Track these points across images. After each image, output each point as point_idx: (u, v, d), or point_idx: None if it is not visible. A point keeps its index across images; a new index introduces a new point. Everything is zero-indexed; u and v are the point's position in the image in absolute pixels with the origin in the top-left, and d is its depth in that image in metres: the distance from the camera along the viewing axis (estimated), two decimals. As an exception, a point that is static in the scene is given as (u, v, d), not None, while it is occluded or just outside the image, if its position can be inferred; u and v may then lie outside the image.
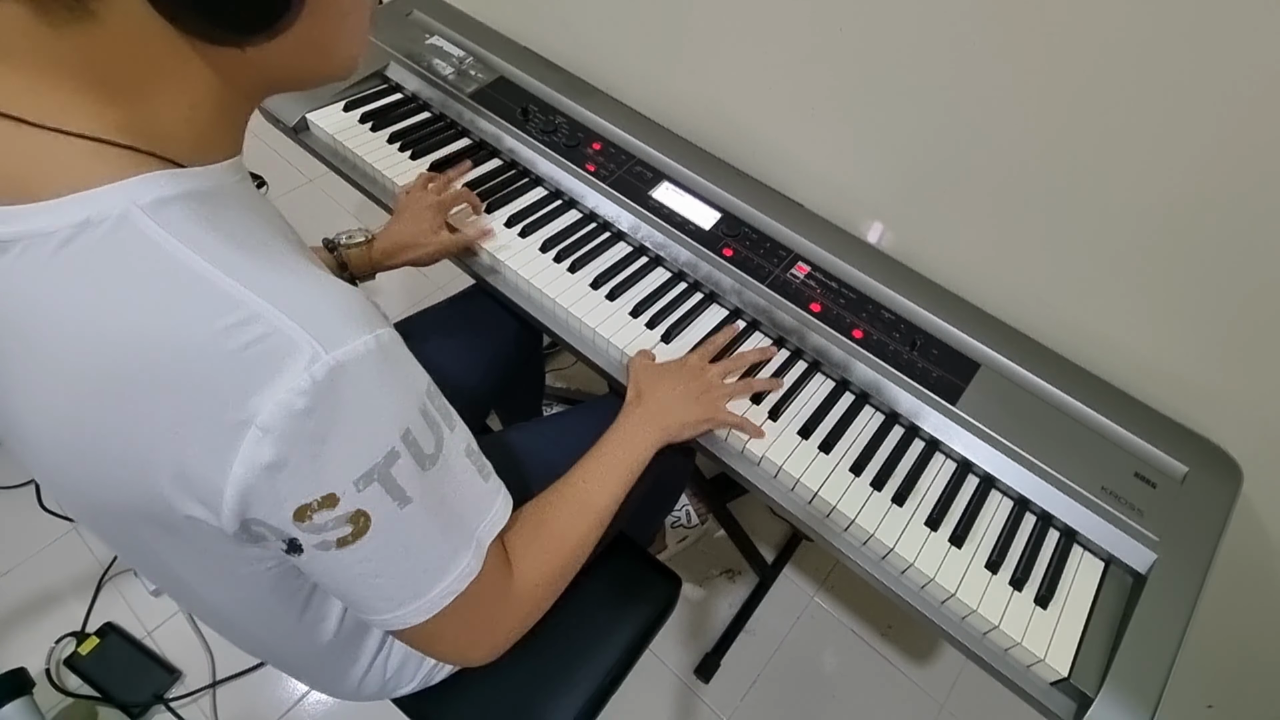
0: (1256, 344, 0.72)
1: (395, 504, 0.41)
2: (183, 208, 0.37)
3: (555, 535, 0.59)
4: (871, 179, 0.91)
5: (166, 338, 0.35)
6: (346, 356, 0.37)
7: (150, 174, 0.37)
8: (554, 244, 0.91)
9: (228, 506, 0.38)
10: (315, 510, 0.39)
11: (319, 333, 0.37)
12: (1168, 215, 0.70)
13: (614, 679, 0.80)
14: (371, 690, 0.67)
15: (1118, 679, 0.61)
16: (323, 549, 0.41)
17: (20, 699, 1.00)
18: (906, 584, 0.69)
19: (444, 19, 1.17)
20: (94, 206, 0.35)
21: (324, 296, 0.39)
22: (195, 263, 0.36)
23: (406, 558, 0.44)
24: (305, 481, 0.38)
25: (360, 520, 0.41)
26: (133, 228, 0.36)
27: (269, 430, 0.36)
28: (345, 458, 0.39)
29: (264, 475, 0.37)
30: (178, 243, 0.36)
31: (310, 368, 0.36)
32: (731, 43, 0.93)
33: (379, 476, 0.40)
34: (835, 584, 1.39)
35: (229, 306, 0.36)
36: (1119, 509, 0.71)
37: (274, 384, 0.35)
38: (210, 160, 0.41)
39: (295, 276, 0.39)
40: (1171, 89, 0.63)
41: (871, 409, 0.80)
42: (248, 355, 0.35)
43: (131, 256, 0.36)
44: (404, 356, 0.43)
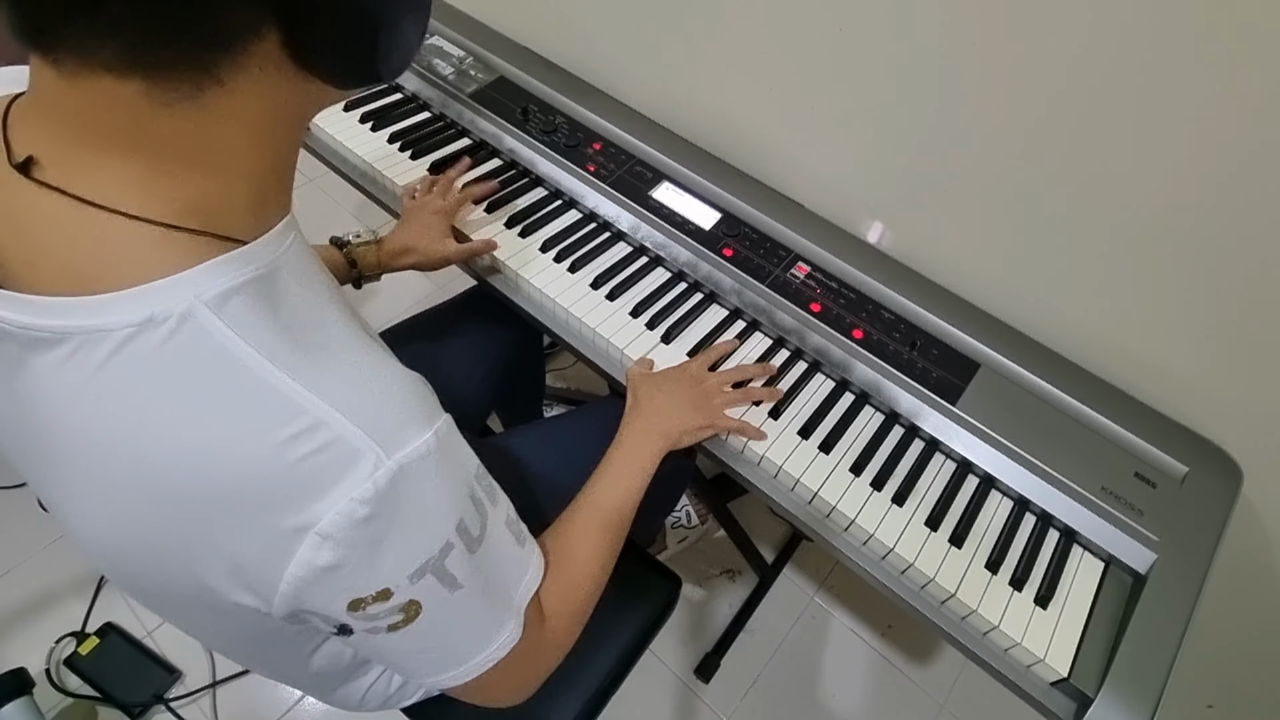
0: (1256, 344, 0.72)
1: (446, 590, 0.42)
2: (246, 300, 0.36)
3: (578, 567, 0.59)
4: (871, 179, 0.91)
5: (228, 454, 0.34)
6: (408, 459, 0.37)
7: (215, 260, 0.35)
8: (554, 244, 0.91)
9: (280, 601, 0.38)
10: (369, 603, 0.39)
11: (381, 436, 0.36)
12: (1168, 215, 0.70)
13: (614, 679, 0.80)
14: (374, 704, 0.67)
15: (1118, 679, 0.61)
16: (373, 633, 0.41)
17: (20, 699, 1.00)
18: (906, 584, 0.69)
19: (444, 19, 1.17)
20: (158, 302, 0.33)
21: (385, 392, 0.38)
22: (259, 366, 0.34)
23: (452, 634, 0.45)
24: (361, 580, 0.38)
25: (412, 609, 0.41)
26: (197, 327, 0.34)
27: (329, 537, 0.35)
28: (402, 557, 0.39)
29: (320, 576, 0.37)
30: (242, 343, 0.34)
31: (374, 475, 0.35)
32: (731, 43, 0.93)
33: (433, 569, 0.40)
34: (835, 584, 1.39)
35: (292, 414, 0.35)
36: (1119, 509, 0.71)
37: (335, 492, 0.35)
38: (268, 225, 0.39)
39: (355, 369, 0.38)
40: (1171, 89, 0.63)
41: (871, 409, 0.80)
42: (310, 464, 0.35)
43: (194, 359, 0.34)
44: (458, 445, 0.42)
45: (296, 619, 0.40)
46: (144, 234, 0.34)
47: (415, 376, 0.42)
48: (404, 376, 0.40)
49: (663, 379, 0.77)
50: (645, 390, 0.75)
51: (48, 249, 0.34)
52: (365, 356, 0.39)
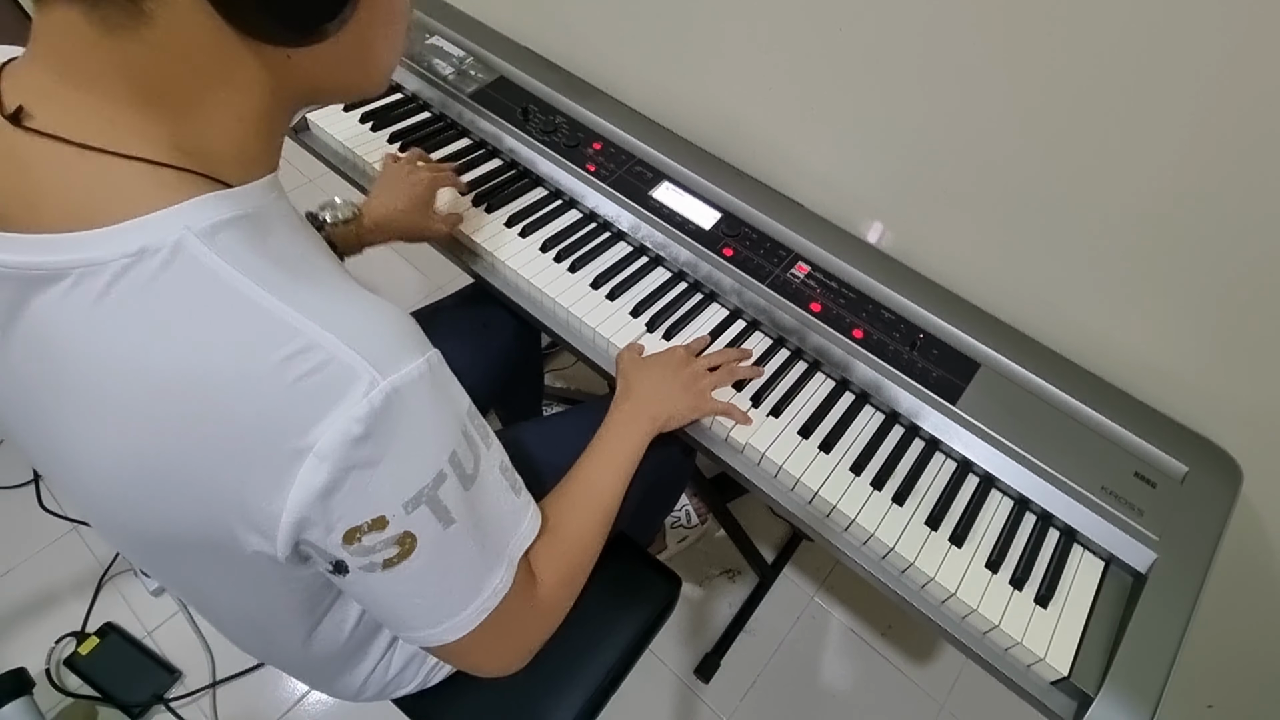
0: (1257, 343, 0.72)
1: (440, 525, 0.42)
2: (235, 232, 0.37)
3: (570, 538, 0.60)
4: (871, 179, 0.91)
5: (228, 372, 0.35)
6: (402, 381, 0.38)
7: (203, 197, 0.37)
8: (554, 244, 0.91)
9: (283, 532, 0.38)
10: (365, 533, 0.39)
11: (375, 358, 0.37)
12: (1167, 214, 0.70)
13: (614, 679, 0.80)
14: (372, 692, 0.67)
15: (1118, 678, 0.61)
16: (369, 570, 0.41)
17: (20, 699, 1.00)
18: (906, 584, 0.69)
19: (444, 19, 1.17)
20: (149, 234, 0.35)
21: (377, 319, 0.39)
22: (252, 291, 0.36)
23: (446, 577, 0.45)
24: (357, 505, 0.38)
25: (407, 541, 0.41)
26: (189, 256, 0.35)
27: (326, 457, 0.36)
28: (397, 481, 0.39)
29: (318, 499, 0.37)
30: (233, 270, 0.36)
31: (369, 394, 0.36)
32: (731, 43, 0.93)
33: (427, 499, 0.41)
34: (835, 584, 1.39)
35: (287, 336, 0.36)
36: (1119, 509, 0.71)
37: (333, 412, 0.36)
38: (253, 178, 0.41)
39: (346, 299, 0.39)
40: (1169, 88, 0.63)
41: (871, 409, 0.80)
42: (307, 385, 0.35)
43: (189, 288, 0.35)
44: (449, 378, 0.44)
45: (299, 557, 0.41)
46: (135, 171, 0.36)
47: (404, 312, 0.43)
48: (393, 309, 0.41)
49: (651, 363, 0.78)
50: (635, 375, 0.76)
51: (46, 191, 0.35)
52: (355, 290, 0.41)
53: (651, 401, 0.73)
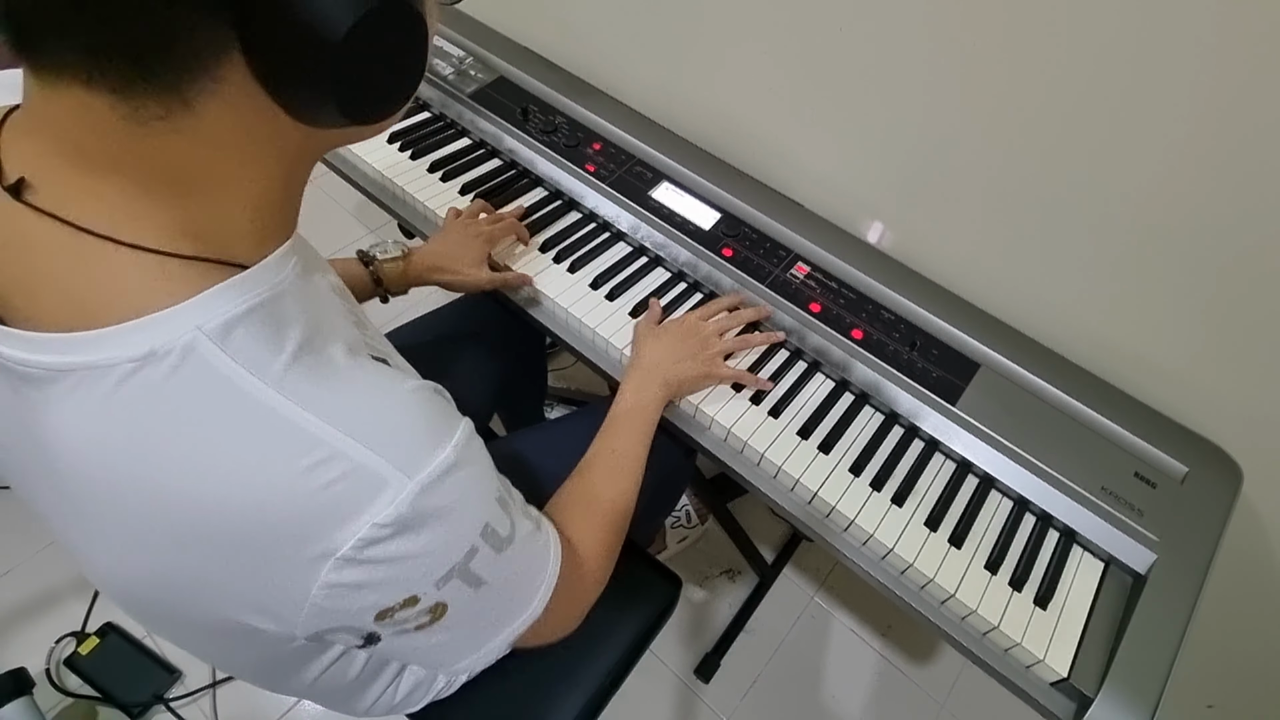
0: (1257, 344, 0.72)
1: (471, 589, 0.42)
2: (249, 328, 0.34)
3: (604, 505, 0.63)
4: (871, 179, 0.91)
5: (244, 487, 0.34)
6: (429, 479, 0.36)
7: (215, 289, 0.34)
8: (554, 244, 0.91)
9: (302, 626, 0.38)
10: (397, 611, 0.39)
11: (401, 460, 0.35)
12: (1168, 214, 0.70)
13: (614, 679, 0.80)
14: (380, 712, 0.67)
15: (1117, 679, 0.61)
16: (399, 635, 0.41)
17: (20, 699, 1.00)
18: (906, 584, 0.69)
19: (443, 19, 1.17)
20: (158, 335, 0.32)
21: (401, 414, 0.38)
22: (268, 397, 0.34)
23: (477, 625, 0.45)
24: (387, 593, 0.38)
25: (439, 609, 0.41)
26: (201, 360, 0.33)
27: (351, 560, 0.35)
28: (428, 567, 0.38)
29: (345, 595, 0.36)
30: (247, 374, 0.33)
31: (395, 500, 0.35)
32: (731, 43, 0.93)
33: (459, 572, 0.40)
34: (835, 584, 1.39)
35: (308, 445, 0.34)
36: (1119, 509, 0.71)
37: (360, 519, 0.34)
38: (269, 249, 0.38)
39: (367, 394, 0.38)
40: (1168, 88, 0.63)
41: (871, 409, 0.80)
42: (331, 494, 0.34)
43: (202, 395, 0.33)
44: (478, 451, 0.42)
45: (320, 639, 0.40)
46: (140, 262, 0.33)
47: (428, 389, 0.41)
48: (417, 394, 0.40)
49: (663, 330, 0.80)
50: (649, 342, 0.78)
51: (45, 276, 0.33)
52: (376, 379, 0.39)
53: (662, 366, 0.75)
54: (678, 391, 0.75)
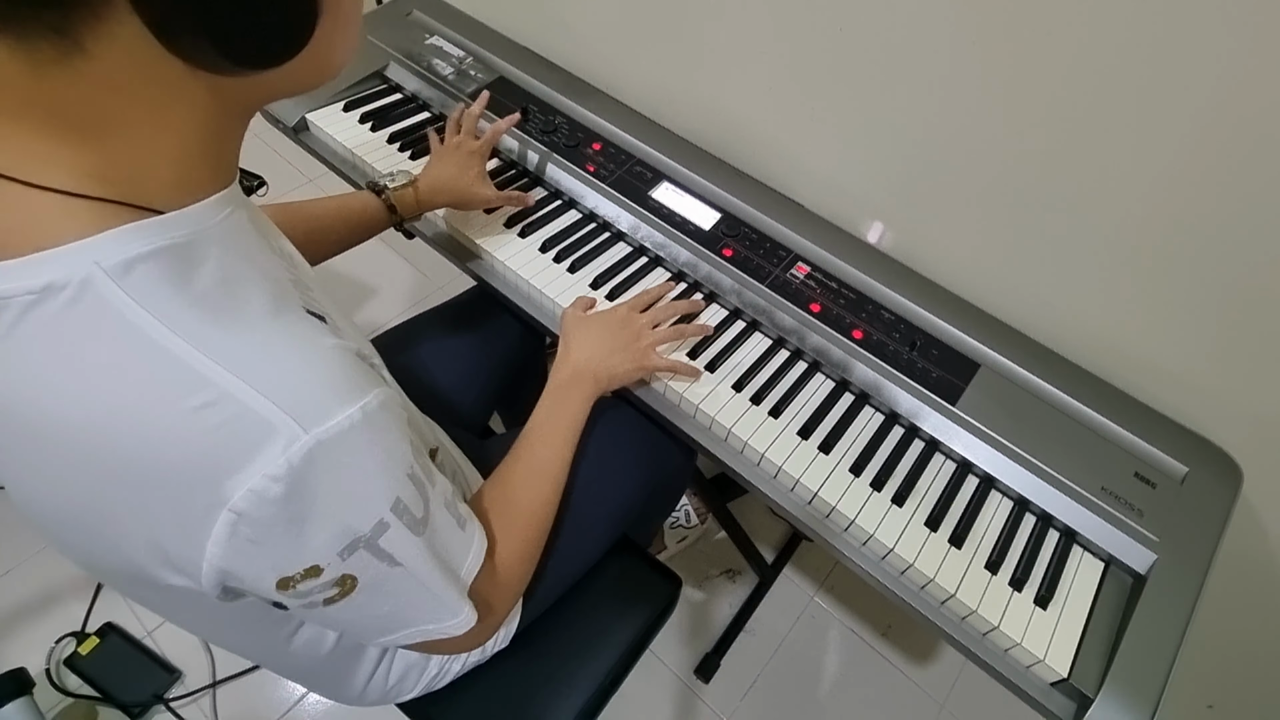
0: (1257, 344, 0.72)
1: (384, 565, 0.41)
2: (152, 267, 0.34)
3: (522, 510, 0.62)
4: (871, 179, 0.91)
5: (132, 421, 0.33)
6: (328, 434, 0.35)
7: (119, 229, 0.34)
8: (554, 244, 0.91)
9: (206, 578, 0.37)
10: (298, 581, 0.38)
11: (297, 410, 0.35)
12: (1168, 214, 0.70)
13: (614, 679, 0.80)
14: (374, 698, 0.67)
15: (1118, 679, 0.61)
16: (309, 608, 0.41)
17: (20, 699, 1.00)
18: (906, 584, 0.69)
19: (444, 19, 1.17)
20: (56, 269, 0.32)
21: (305, 366, 0.37)
22: (161, 335, 0.33)
23: (398, 604, 0.45)
24: (285, 558, 0.37)
25: (347, 583, 0.40)
26: (96, 295, 0.33)
27: (243, 515, 0.34)
28: (328, 535, 0.38)
29: (240, 554, 0.36)
30: (143, 311, 0.33)
31: (287, 451, 0.34)
32: (731, 43, 0.93)
33: (365, 545, 0.39)
34: (835, 584, 1.39)
35: (197, 385, 0.34)
36: (1119, 509, 0.71)
37: (248, 469, 0.34)
38: (196, 198, 0.38)
39: (274, 343, 0.37)
40: (1168, 88, 0.63)
41: (871, 409, 0.80)
42: (218, 438, 0.34)
43: (95, 329, 0.33)
44: (391, 423, 0.41)
45: (231, 595, 0.40)
46: (43, 201, 0.33)
47: (349, 350, 0.41)
48: (334, 351, 0.39)
49: (592, 322, 0.78)
50: (575, 335, 0.76)
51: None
52: (290, 330, 0.38)
53: (592, 361, 0.73)
54: (609, 386, 0.74)
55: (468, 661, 0.71)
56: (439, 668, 0.69)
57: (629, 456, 0.84)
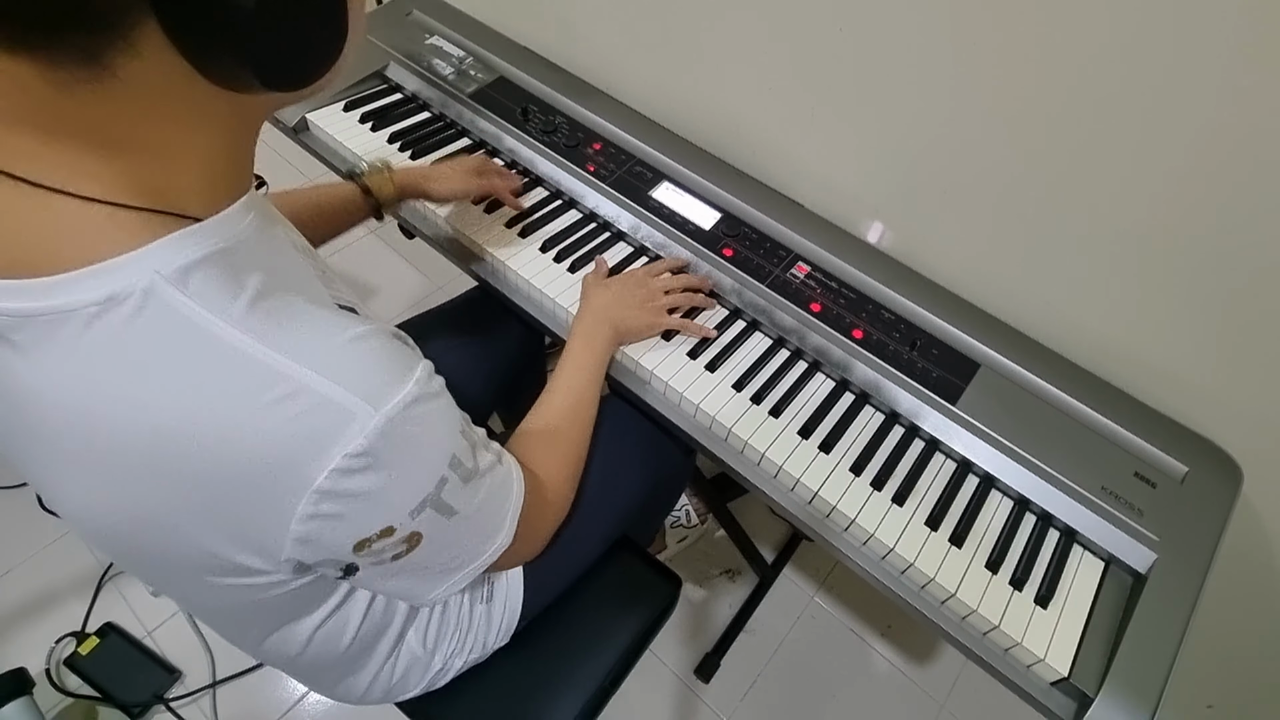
0: (1257, 344, 0.72)
1: (444, 518, 0.44)
2: (208, 272, 0.36)
3: (564, 437, 0.69)
4: (871, 179, 0.91)
5: (213, 421, 0.35)
6: (395, 409, 0.38)
7: (170, 236, 0.35)
8: (554, 244, 0.91)
9: (285, 555, 0.39)
10: (374, 541, 0.41)
11: (366, 392, 0.37)
12: (1169, 214, 0.70)
13: (614, 679, 0.80)
14: (376, 696, 0.68)
15: (1118, 679, 0.61)
16: (377, 565, 0.43)
17: (20, 699, 1.00)
18: (906, 584, 0.69)
19: (444, 19, 1.17)
20: (117, 280, 0.33)
21: (362, 351, 0.39)
22: (231, 336, 0.35)
23: (451, 555, 0.48)
24: (364, 524, 0.39)
25: (414, 539, 0.43)
26: (161, 302, 0.34)
27: (327, 494, 0.36)
28: (402, 497, 0.40)
29: (323, 527, 0.38)
30: (209, 315, 0.35)
31: (365, 430, 0.36)
32: (731, 43, 0.93)
33: (431, 502, 0.42)
34: (835, 584, 1.39)
35: (272, 380, 0.35)
36: (1119, 509, 0.71)
37: (329, 452, 0.36)
38: (224, 205, 0.39)
39: (328, 333, 0.39)
40: (1167, 88, 0.63)
41: (871, 409, 0.80)
42: (299, 426, 0.35)
43: (166, 336, 0.34)
44: (439, 387, 0.44)
45: (303, 570, 0.42)
46: (91, 213, 0.34)
47: (388, 331, 0.43)
48: (377, 334, 0.41)
49: (612, 282, 0.83)
50: (595, 289, 0.82)
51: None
52: (337, 320, 0.40)
53: (610, 310, 0.78)
54: (625, 337, 0.79)
55: (469, 659, 0.71)
56: (442, 663, 0.69)
57: (629, 455, 0.84)
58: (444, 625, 0.68)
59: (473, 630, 0.71)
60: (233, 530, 0.38)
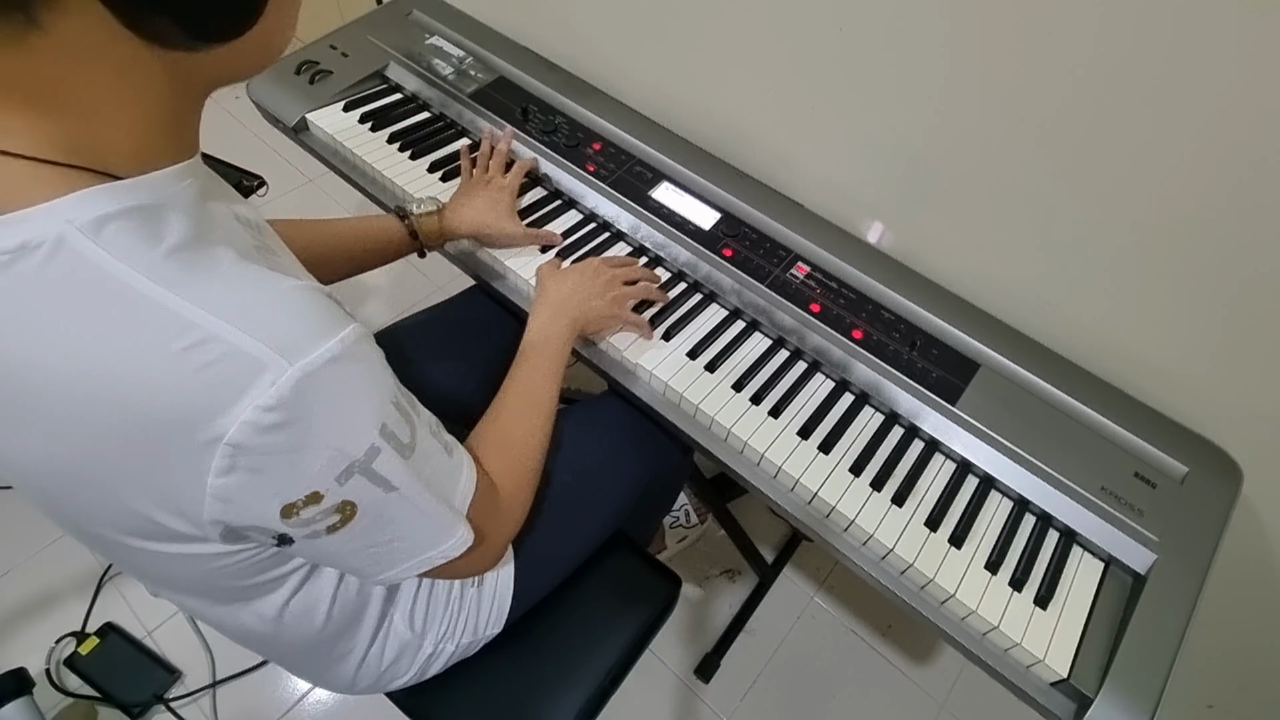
0: (1257, 344, 0.71)
1: (380, 491, 0.43)
2: (124, 224, 0.36)
3: (519, 442, 0.66)
4: (871, 179, 0.91)
5: (125, 367, 0.35)
6: (312, 365, 0.37)
7: (86, 190, 0.35)
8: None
9: (208, 517, 0.39)
10: (301, 508, 0.40)
11: (280, 345, 0.37)
12: (1170, 215, 0.70)
13: (614, 679, 0.80)
14: (367, 683, 0.67)
15: (1117, 679, 0.61)
16: (313, 537, 0.43)
17: (20, 699, 1.00)
18: (906, 584, 0.69)
19: (444, 19, 1.17)
20: (29, 229, 0.34)
21: (282, 305, 0.39)
22: (142, 284, 0.35)
23: (398, 531, 0.47)
24: (286, 485, 0.39)
25: (347, 509, 0.42)
26: (72, 250, 0.34)
27: (240, 446, 0.36)
28: (324, 460, 0.40)
29: (242, 486, 0.38)
30: (120, 264, 0.35)
31: (276, 382, 0.36)
32: (731, 43, 0.93)
33: (360, 469, 0.41)
34: (835, 584, 1.39)
35: (182, 328, 0.35)
36: (1119, 509, 0.70)
37: (240, 402, 0.35)
38: (156, 168, 0.39)
39: (249, 287, 0.39)
40: (1167, 88, 0.63)
41: (871, 409, 0.80)
42: (209, 376, 0.35)
43: (76, 283, 0.34)
44: (371, 353, 0.43)
45: (234, 535, 0.42)
46: (9, 167, 0.34)
47: (319, 289, 0.42)
48: (305, 291, 0.41)
49: (569, 270, 0.81)
50: (552, 281, 0.79)
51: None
52: (261, 275, 0.40)
53: (569, 303, 0.76)
54: (584, 329, 0.77)
55: (461, 643, 0.71)
56: (433, 647, 0.69)
57: (625, 452, 0.84)
58: (432, 607, 0.68)
59: (463, 613, 0.70)
60: (152, 487, 0.38)
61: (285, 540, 0.43)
